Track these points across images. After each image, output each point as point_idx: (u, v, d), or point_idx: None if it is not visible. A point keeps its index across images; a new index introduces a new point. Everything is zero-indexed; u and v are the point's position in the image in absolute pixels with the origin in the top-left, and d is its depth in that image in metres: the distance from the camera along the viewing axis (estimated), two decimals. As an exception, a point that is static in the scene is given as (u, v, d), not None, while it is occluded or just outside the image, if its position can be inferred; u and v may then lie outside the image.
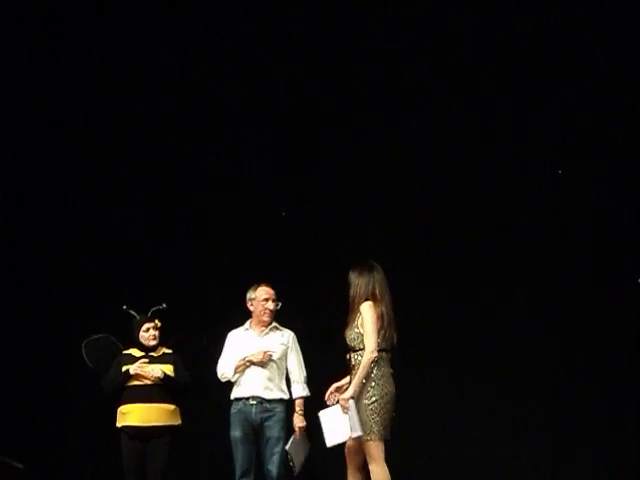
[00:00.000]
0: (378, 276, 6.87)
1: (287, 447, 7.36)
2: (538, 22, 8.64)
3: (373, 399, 6.66)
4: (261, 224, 9.09)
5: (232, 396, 7.55)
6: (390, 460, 6.64)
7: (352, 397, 6.63)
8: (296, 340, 7.62)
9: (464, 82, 8.82)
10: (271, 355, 7.46)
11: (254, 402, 7.47)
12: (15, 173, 9.35)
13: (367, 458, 6.68)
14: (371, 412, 6.64)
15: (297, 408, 7.47)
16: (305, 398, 7.50)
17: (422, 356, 8.35)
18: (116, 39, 9.47)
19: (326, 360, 7.67)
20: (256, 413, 7.46)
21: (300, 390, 7.52)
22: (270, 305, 7.57)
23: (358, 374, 6.66)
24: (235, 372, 7.52)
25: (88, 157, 9.70)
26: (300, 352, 7.60)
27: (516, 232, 8.51)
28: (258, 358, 7.46)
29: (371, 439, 6.63)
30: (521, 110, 8.63)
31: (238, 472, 7.49)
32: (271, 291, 7.61)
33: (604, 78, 8.40)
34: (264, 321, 7.58)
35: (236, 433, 7.49)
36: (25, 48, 9.36)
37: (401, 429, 6.91)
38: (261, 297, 7.58)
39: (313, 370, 7.61)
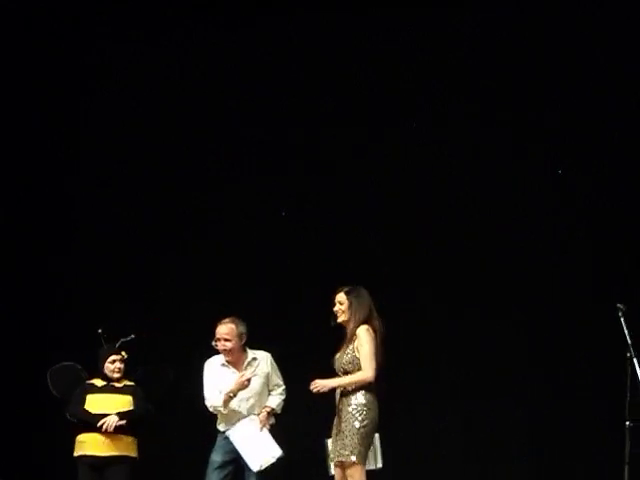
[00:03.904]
0: (369, 300, 6.87)
1: (230, 430, 7.23)
2: (538, 22, 8.64)
3: (365, 422, 6.66)
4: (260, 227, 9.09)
5: (221, 428, 7.39)
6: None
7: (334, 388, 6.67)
8: (270, 360, 7.41)
9: (464, 82, 8.81)
10: (248, 380, 7.23)
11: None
12: (14, 173, 9.38)
13: None
14: (361, 436, 6.64)
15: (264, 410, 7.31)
16: (273, 410, 7.33)
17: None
18: (116, 39, 9.44)
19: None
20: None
21: (272, 400, 7.36)
22: (220, 345, 7.36)
23: (346, 379, 6.69)
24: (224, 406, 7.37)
25: (87, 158, 9.70)
26: (276, 369, 7.40)
27: (514, 239, 8.53)
28: (238, 387, 7.25)
29: (358, 462, 6.62)
30: (521, 110, 8.64)
31: None
32: (222, 330, 7.36)
33: (604, 78, 8.42)
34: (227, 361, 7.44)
35: (217, 458, 7.35)
36: (24, 47, 9.36)
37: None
38: (215, 337, 7.43)
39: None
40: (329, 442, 6.85)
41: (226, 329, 7.30)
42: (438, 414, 8.47)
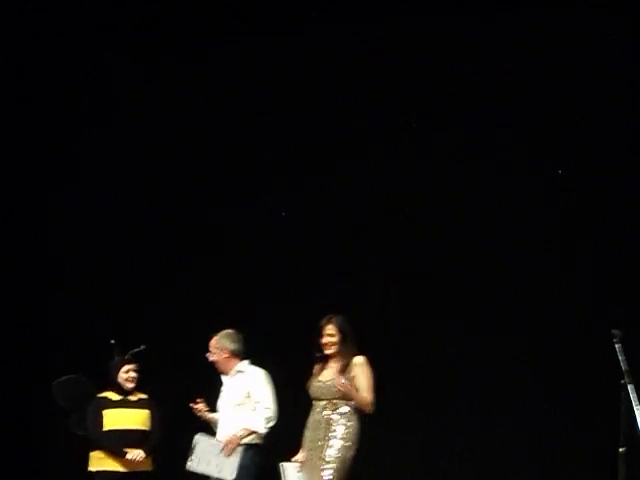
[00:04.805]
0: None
1: (199, 435, 7.26)
2: (539, 21, 8.51)
3: (351, 450, 6.71)
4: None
5: None
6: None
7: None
8: (260, 378, 7.40)
9: (463, 82, 8.72)
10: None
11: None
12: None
13: None
14: (348, 460, 6.68)
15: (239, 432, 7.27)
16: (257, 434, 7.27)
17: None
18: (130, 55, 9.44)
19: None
20: None
21: (248, 419, 7.31)
22: (210, 357, 7.52)
23: (358, 395, 6.66)
24: None
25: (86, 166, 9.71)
26: (267, 391, 7.35)
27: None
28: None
29: None
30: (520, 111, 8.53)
31: None
32: (211, 342, 7.52)
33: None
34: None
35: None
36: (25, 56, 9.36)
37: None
38: None
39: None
40: (287, 466, 6.87)
41: (213, 342, 7.51)
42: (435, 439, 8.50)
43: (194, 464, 7.24)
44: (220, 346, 7.48)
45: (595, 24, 8.32)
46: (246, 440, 7.27)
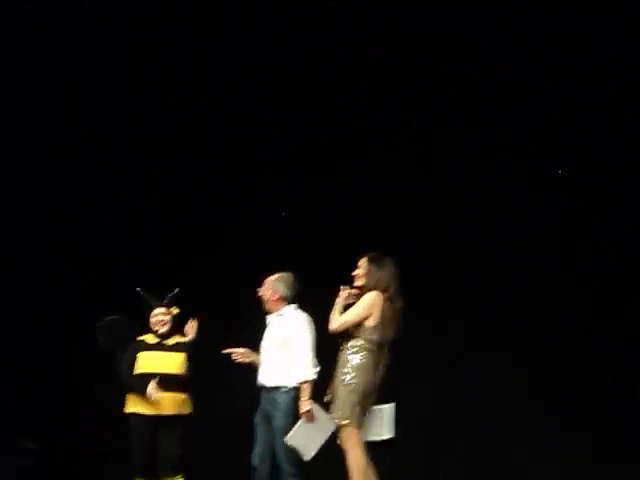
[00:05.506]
0: (390, 269, 6.85)
1: (286, 438, 7.22)
2: (539, 21, 8.50)
3: (353, 386, 6.75)
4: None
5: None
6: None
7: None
8: (301, 323, 7.44)
9: (463, 82, 8.72)
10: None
11: (261, 389, 7.47)
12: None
13: (343, 444, 6.78)
14: (352, 398, 6.73)
15: (300, 394, 7.30)
16: (309, 382, 7.29)
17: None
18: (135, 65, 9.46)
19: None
20: (263, 402, 7.44)
21: (300, 375, 7.34)
22: (260, 292, 7.57)
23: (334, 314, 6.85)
24: None
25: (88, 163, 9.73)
26: (306, 337, 7.38)
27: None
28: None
29: (348, 424, 6.70)
30: (520, 111, 8.52)
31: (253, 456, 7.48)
32: (267, 279, 7.60)
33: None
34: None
35: (256, 419, 7.49)
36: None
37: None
38: None
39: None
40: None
41: (268, 280, 7.58)
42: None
43: (309, 453, 7.19)
44: (274, 287, 7.55)
45: (595, 24, 8.29)
46: (295, 385, 7.31)
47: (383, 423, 6.97)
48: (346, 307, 7.02)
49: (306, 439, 7.15)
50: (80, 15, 9.31)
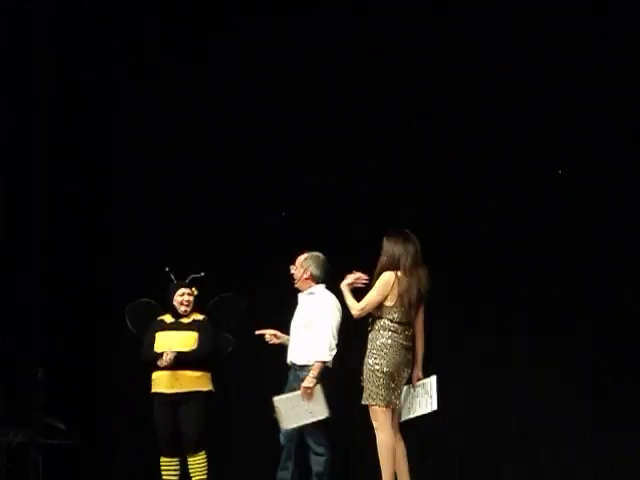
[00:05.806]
0: (412, 248, 6.92)
1: (275, 397, 7.30)
2: (539, 21, 8.49)
3: (377, 366, 6.76)
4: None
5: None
6: None
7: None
8: (329, 304, 7.50)
9: (463, 82, 8.70)
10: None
11: (290, 368, 7.56)
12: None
13: (373, 423, 6.80)
14: (377, 378, 6.74)
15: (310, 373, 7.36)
16: (322, 362, 7.35)
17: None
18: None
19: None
20: (292, 380, 7.52)
21: (315, 354, 7.39)
22: (292, 269, 7.67)
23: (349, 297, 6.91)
24: None
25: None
26: (330, 318, 7.45)
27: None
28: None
29: (377, 404, 6.72)
30: (520, 111, 8.51)
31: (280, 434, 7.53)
32: (299, 258, 7.69)
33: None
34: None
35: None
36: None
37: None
38: None
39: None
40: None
41: (300, 258, 7.68)
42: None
43: (286, 424, 7.27)
44: (305, 266, 7.64)
45: (595, 24, 8.29)
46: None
47: (426, 397, 6.95)
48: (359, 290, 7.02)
49: (291, 410, 7.24)
50: (80, 15, 9.31)
